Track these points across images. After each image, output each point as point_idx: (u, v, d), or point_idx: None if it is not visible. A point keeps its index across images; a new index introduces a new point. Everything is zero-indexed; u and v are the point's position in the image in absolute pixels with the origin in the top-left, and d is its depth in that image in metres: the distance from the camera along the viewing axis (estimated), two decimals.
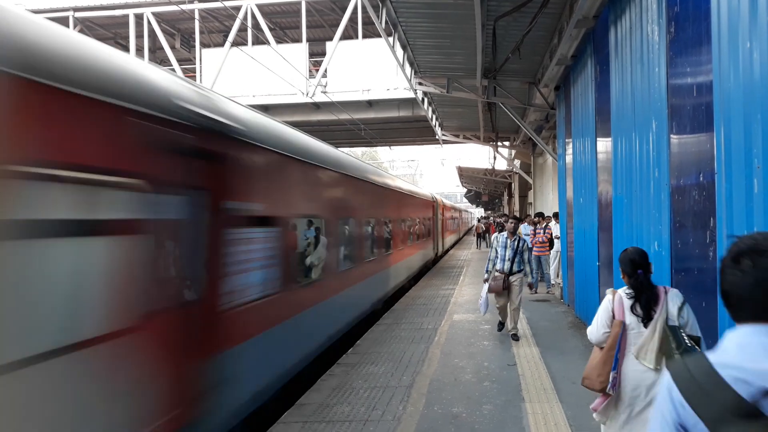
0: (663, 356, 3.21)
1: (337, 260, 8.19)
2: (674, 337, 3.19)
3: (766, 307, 1.40)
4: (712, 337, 4.13)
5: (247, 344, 4.90)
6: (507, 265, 8.47)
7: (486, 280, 8.63)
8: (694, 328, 3.32)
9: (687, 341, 3.17)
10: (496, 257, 8.59)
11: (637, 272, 3.43)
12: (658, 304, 3.34)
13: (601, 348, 3.49)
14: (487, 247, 21.95)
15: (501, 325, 9.00)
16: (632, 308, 3.40)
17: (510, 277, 8.47)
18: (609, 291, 3.64)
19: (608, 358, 3.41)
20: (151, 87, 3.70)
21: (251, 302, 5.05)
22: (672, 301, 3.33)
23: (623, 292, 3.49)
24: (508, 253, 8.49)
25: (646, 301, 3.35)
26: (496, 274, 8.53)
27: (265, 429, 5.34)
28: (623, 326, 3.41)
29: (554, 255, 12.97)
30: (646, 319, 3.34)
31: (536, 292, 12.92)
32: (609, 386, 3.38)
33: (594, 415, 3.56)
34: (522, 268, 8.62)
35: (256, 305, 5.16)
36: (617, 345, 3.40)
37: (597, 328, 3.55)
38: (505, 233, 8.68)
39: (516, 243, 8.55)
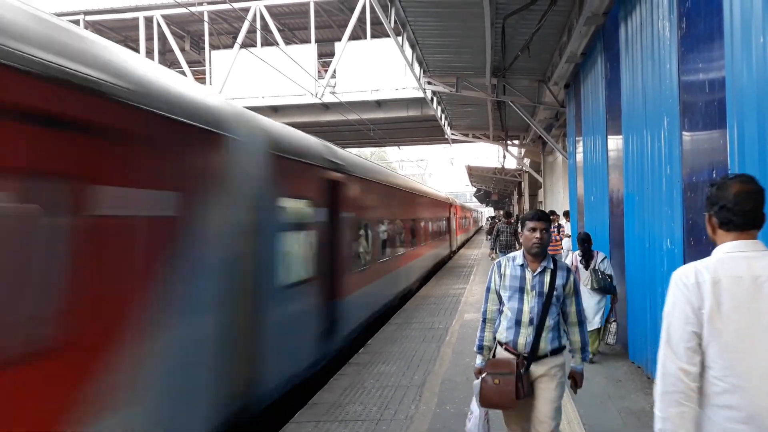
0: (591, 283, 6.75)
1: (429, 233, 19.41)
2: (594, 274, 6.79)
3: None
4: None
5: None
6: (528, 334, 3.49)
7: (480, 372, 3.67)
8: (609, 271, 6.88)
9: (600, 275, 6.77)
10: (498, 313, 3.68)
11: (584, 245, 7.04)
12: (593, 259, 6.97)
13: None
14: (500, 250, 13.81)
15: None
16: (581, 262, 7.04)
17: (537, 367, 3.51)
18: (570, 252, 7.97)
19: None
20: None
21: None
22: (599, 258, 6.98)
23: (577, 254, 7.14)
24: (530, 303, 3.51)
25: (587, 259, 7.01)
26: (504, 353, 3.60)
27: (278, 429, 5.36)
28: (576, 268, 6.95)
29: (565, 254, 12.90)
30: (586, 267, 6.95)
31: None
32: None
33: None
34: (561, 343, 3.59)
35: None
36: None
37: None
38: (517, 255, 3.66)
39: (549, 279, 3.53)
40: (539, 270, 3.53)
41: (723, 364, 1.94)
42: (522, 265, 3.56)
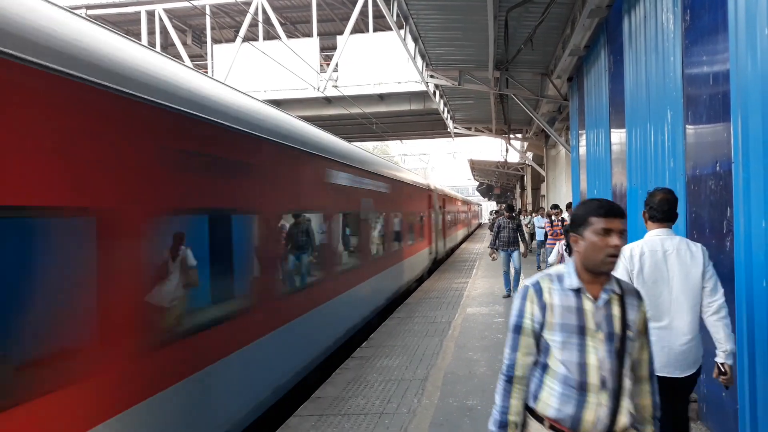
0: None
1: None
2: None
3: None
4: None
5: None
6: (600, 404, 2.12)
7: None
8: None
9: None
10: (535, 368, 2.26)
11: (568, 234, 7.49)
12: None
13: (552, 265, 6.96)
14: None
15: None
16: (565, 249, 7.26)
17: None
18: (556, 243, 8.81)
19: None
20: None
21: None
22: None
23: (561, 243, 7.75)
24: (598, 353, 2.15)
25: (570, 247, 7.41)
26: None
27: (282, 422, 5.38)
28: (562, 255, 7.51)
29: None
30: (570, 253, 8.89)
31: None
32: None
33: None
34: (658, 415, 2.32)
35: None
36: (560, 263, 7.90)
37: (553, 257, 8.38)
38: (564, 273, 2.27)
39: (619, 311, 2.19)
40: (604, 298, 2.18)
41: (647, 302, 2.92)
42: (578, 291, 2.19)
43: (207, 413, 4.17)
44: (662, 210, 3.38)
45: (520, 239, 11.85)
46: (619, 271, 3.26)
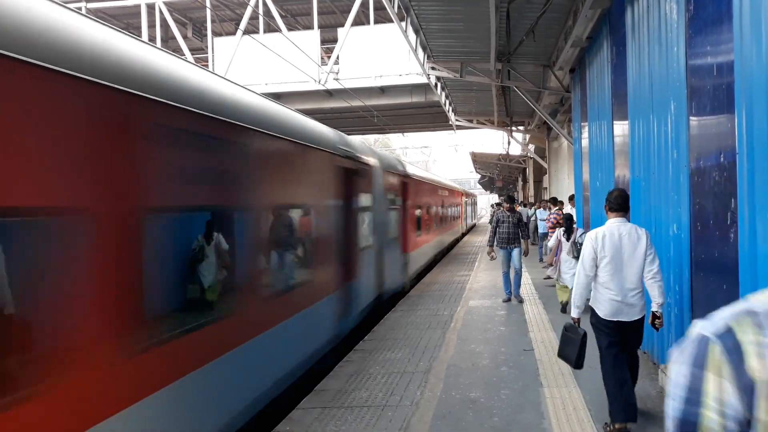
0: (573, 253, 8.34)
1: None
2: (574, 245, 8.32)
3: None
4: None
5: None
6: None
7: None
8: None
9: (579, 246, 7.54)
10: None
11: (567, 222, 8.80)
12: (574, 234, 8.55)
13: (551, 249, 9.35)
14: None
15: None
16: (563, 235, 8.74)
17: None
18: (556, 230, 9.34)
19: (554, 252, 9.08)
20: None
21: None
22: (578, 233, 8.49)
23: (560, 230, 8.88)
24: None
25: (569, 234, 8.61)
26: None
27: (285, 415, 5.39)
28: (560, 241, 8.85)
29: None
30: (568, 239, 8.59)
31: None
32: (554, 261, 9.10)
33: (549, 272, 10.46)
34: None
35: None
36: (558, 247, 8.97)
37: (552, 242, 9.24)
38: None
39: None
40: None
41: (607, 270, 4.53)
42: None
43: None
44: (618, 203, 4.62)
45: (521, 236, 10.51)
46: (587, 250, 4.55)
